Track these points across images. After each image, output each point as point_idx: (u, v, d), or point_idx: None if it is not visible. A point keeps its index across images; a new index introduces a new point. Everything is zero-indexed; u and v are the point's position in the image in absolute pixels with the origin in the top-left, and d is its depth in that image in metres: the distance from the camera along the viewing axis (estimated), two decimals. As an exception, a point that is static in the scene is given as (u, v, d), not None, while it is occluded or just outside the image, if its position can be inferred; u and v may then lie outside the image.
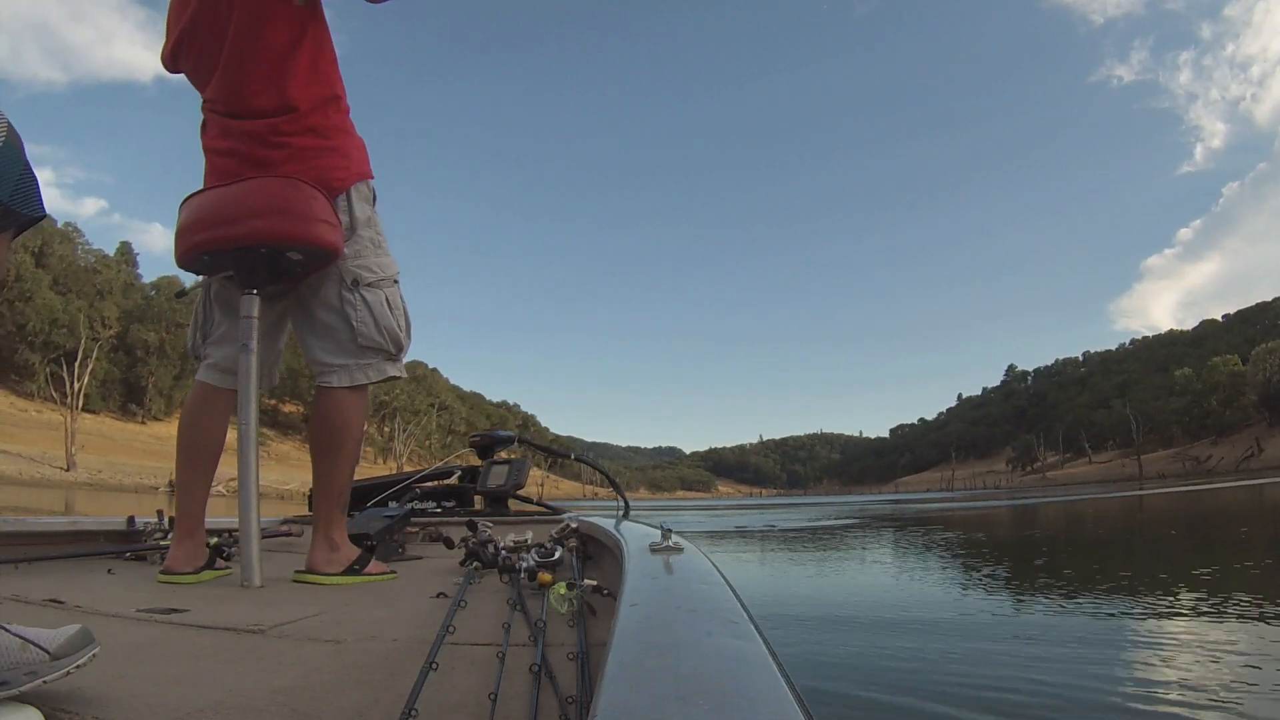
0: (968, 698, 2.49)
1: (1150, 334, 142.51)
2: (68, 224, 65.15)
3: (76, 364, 45.82)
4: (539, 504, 3.10)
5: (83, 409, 46.84)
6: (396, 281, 1.69)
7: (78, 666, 0.67)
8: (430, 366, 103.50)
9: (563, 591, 1.05)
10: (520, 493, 2.98)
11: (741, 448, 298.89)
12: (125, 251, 68.53)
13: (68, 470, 36.08)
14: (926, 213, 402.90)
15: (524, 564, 1.33)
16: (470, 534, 1.63)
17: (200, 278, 1.69)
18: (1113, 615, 3.91)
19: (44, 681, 0.64)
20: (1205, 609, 3.90)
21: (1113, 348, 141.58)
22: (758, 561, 7.64)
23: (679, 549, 1.07)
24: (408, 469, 3.17)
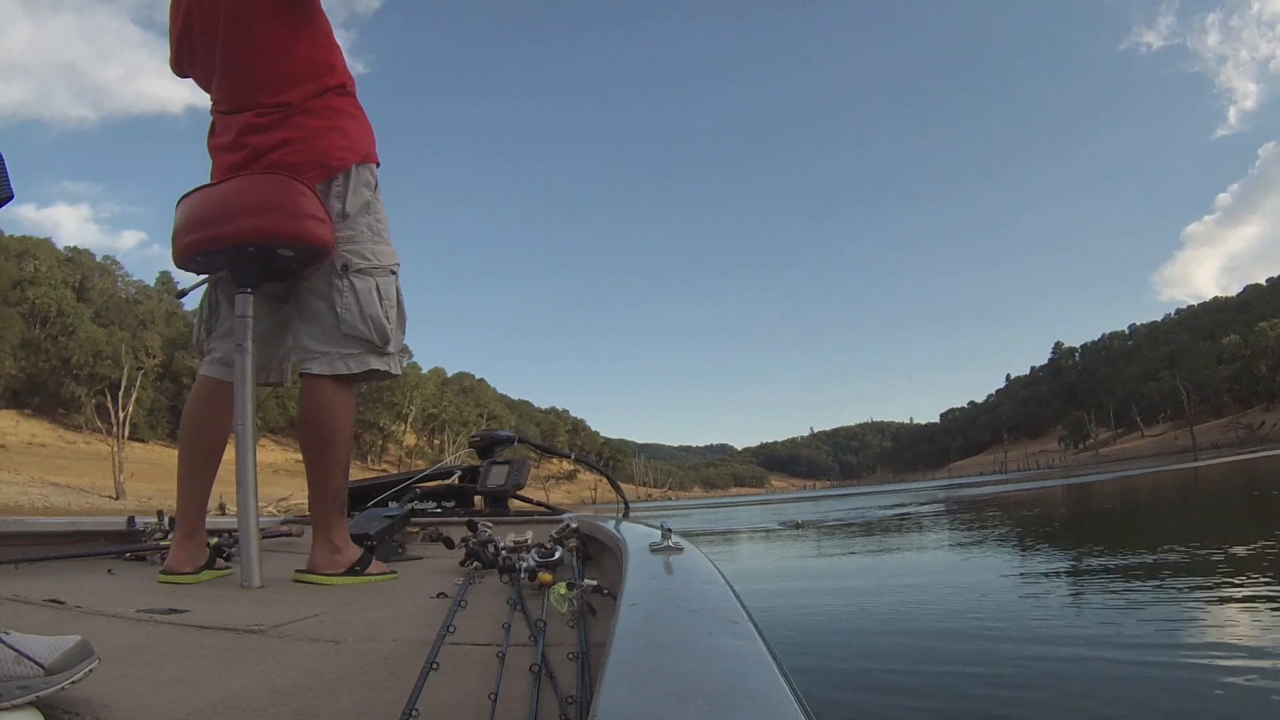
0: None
1: (1195, 302, 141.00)
2: (106, 257, 66.94)
3: (120, 393, 45.97)
4: (539, 504, 3.10)
5: (132, 438, 47.23)
6: (394, 273, 1.65)
7: (72, 683, 0.67)
8: (477, 377, 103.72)
9: (563, 591, 1.05)
10: (522, 493, 2.98)
11: (793, 441, 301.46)
12: (166, 281, 69.06)
13: (117, 499, 35.92)
14: (965, 195, 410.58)
15: (524, 564, 1.33)
16: (470, 534, 1.63)
17: (199, 277, 1.69)
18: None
19: (37, 697, 0.64)
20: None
21: (1158, 319, 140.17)
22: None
23: (679, 549, 1.07)
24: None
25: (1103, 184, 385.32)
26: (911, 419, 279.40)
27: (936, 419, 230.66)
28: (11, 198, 0.81)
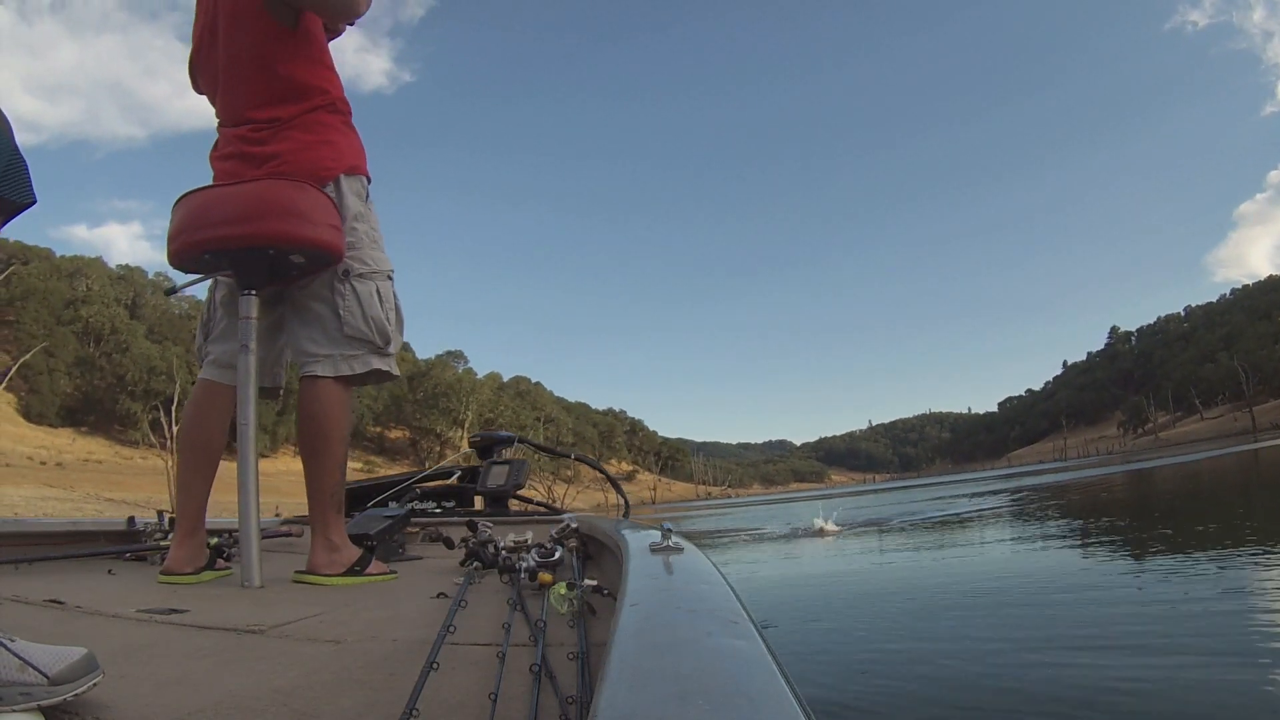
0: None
1: (1250, 282, 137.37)
2: (159, 274, 67.73)
3: (175, 408, 46.47)
4: (539, 504, 3.10)
5: (186, 451, 47.76)
6: (390, 278, 1.69)
7: (75, 695, 0.67)
8: (534, 381, 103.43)
9: (563, 591, 1.05)
10: (522, 492, 2.98)
11: (851, 434, 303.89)
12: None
13: (173, 512, 35.86)
14: (1017, 184, 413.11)
15: (524, 564, 1.33)
16: (470, 534, 1.63)
17: (192, 277, 1.70)
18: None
19: (39, 706, 0.64)
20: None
21: (1214, 299, 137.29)
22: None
23: (679, 549, 1.07)
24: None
25: (1153, 166, 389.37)
26: (969, 409, 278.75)
27: (994, 408, 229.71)
28: (34, 203, 0.80)
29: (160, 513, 2.12)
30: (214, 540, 1.67)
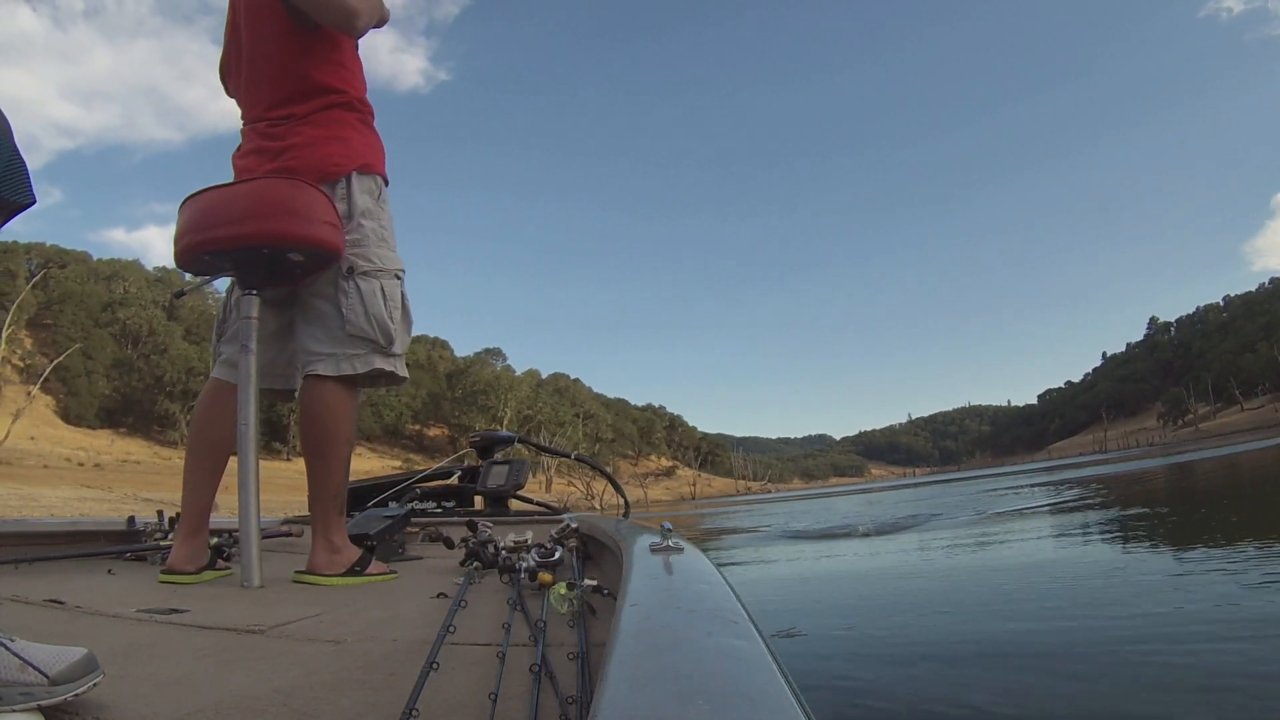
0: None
1: None
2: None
3: None
4: (539, 504, 3.10)
5: (226, 451, 48.79)
6: (398, 277, 1.68)
7: (75, 695, 0.67)
8: (572, 377, 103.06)
9: (563, 591, 1.05)
10: (522, 492, 2.98)
11: (891, 429, 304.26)
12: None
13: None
14: (1053, 175, 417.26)
15: (524, 564, 1.33)
16: (470, 534, 1.63)
17: (200, 278, 1.70)
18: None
19: (39, 706, 0.64)
20: None
21: (1253, 288, 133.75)
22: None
23: (679, 549, 1.07)
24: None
25: (1189, 155, 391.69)
26: (1009, 401, 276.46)
27: (1034, 400, 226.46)
28: (33, 203, 0.80)
29: (160, 512, 2.12)
30: (214, 540, 1.67)
